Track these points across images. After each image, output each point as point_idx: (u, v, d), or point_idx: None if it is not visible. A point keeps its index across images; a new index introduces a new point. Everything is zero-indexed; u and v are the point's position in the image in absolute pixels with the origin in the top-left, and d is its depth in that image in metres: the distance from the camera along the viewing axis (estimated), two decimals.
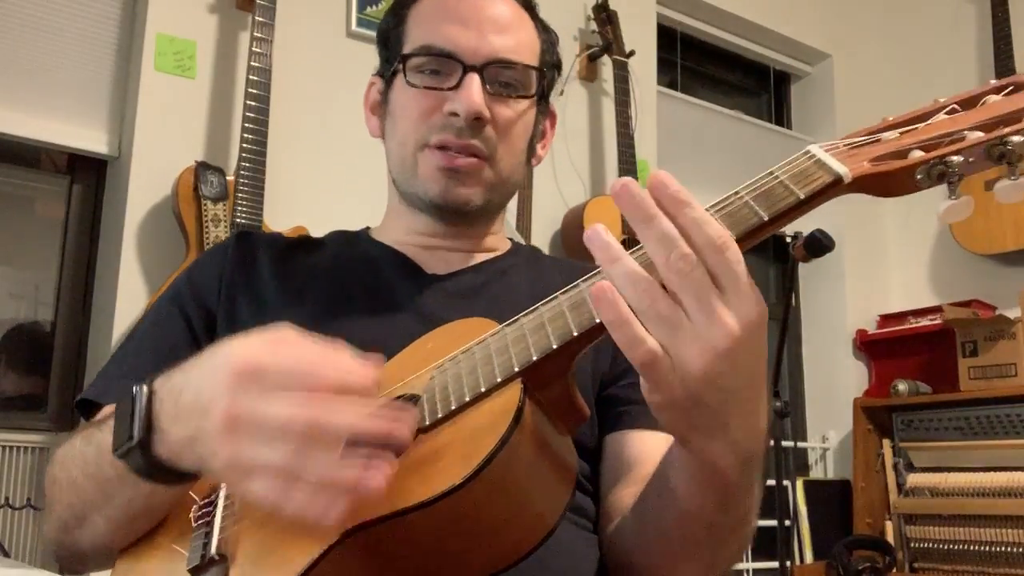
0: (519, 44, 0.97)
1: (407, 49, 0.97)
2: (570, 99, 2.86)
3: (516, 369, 0.62)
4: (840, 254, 3.21)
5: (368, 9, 2.50)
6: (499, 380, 0.62)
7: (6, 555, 1.65)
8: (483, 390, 0.62)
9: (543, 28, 1.04)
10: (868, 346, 3.44)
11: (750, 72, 3.79)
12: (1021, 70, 3.13)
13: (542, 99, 1.02)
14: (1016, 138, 0.57)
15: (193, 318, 0.94)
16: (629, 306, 0.56)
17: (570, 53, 2.87)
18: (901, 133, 0.62)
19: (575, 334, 0.60)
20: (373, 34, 1.07)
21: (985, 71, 3.31)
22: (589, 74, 2.93)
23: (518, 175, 1.00)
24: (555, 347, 0.61)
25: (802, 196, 0.58)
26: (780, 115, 3.86)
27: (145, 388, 0.66)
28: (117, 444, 0.66)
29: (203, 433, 0.60)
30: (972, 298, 3.21)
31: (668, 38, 3.38)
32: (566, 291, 0.64)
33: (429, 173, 0.95)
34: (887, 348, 3.39)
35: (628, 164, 2.70)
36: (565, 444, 0.65)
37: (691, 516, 0.68)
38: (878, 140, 0.62)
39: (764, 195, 0.59)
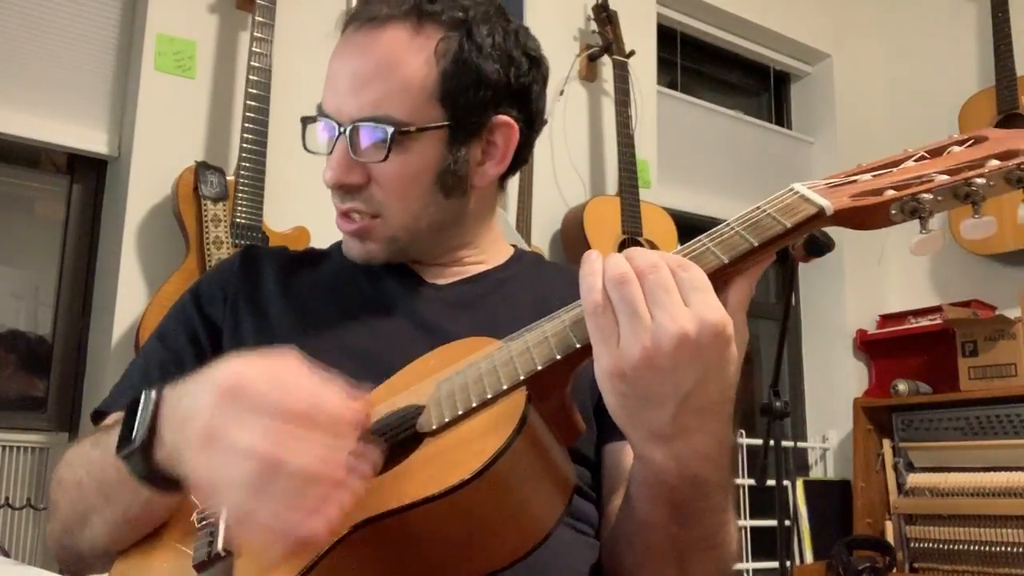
0: (381, 97, 0.89)
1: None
2: (570, 99, 2.86)
3: (521, 377, 0.65)
4: (840, 254, 3.21)
5: None
6: (504, 388, 0.65)
7: (6, 555, 1.65)
8: (489, 397, 0.65)
9: (456, 38, 0.91)
10: (868, 346, 3.44)
11: (750, 72, 3.79)
12: (1021, 70, 3.13)
13: (462, 123, 0.91)
14: (980, 180, 0.63)
15: (199, 332, 0.96)
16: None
17: (570, 53, 2.87)
18: (874, 176, 0.68)
19: (577, 346, 0.65)
20: None
21: (985, 71, 3.31)
22: (589, 74, 2.93)
23: (428, 218, 0.93)
24: (558, 358, 0.65)
25: (788, 225, 0.64)
26: (780, 115, 3.86)
27: (154, 393, 0.68)
28: (121, 445, 0.68)
29: (186, 443, 0.62)
30: (972, 298, 3.21)
31: (668, 38, 3.38)
32: (569, 309, 0.68)
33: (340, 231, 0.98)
34: (887, 348, 3.39)
35: (628, 164, 2.69)
36: (563, 453, 0.67)
37: (648, 526, 0.73)
38: (854, 181, 0.68)
39: (753, 226, 0.65)
